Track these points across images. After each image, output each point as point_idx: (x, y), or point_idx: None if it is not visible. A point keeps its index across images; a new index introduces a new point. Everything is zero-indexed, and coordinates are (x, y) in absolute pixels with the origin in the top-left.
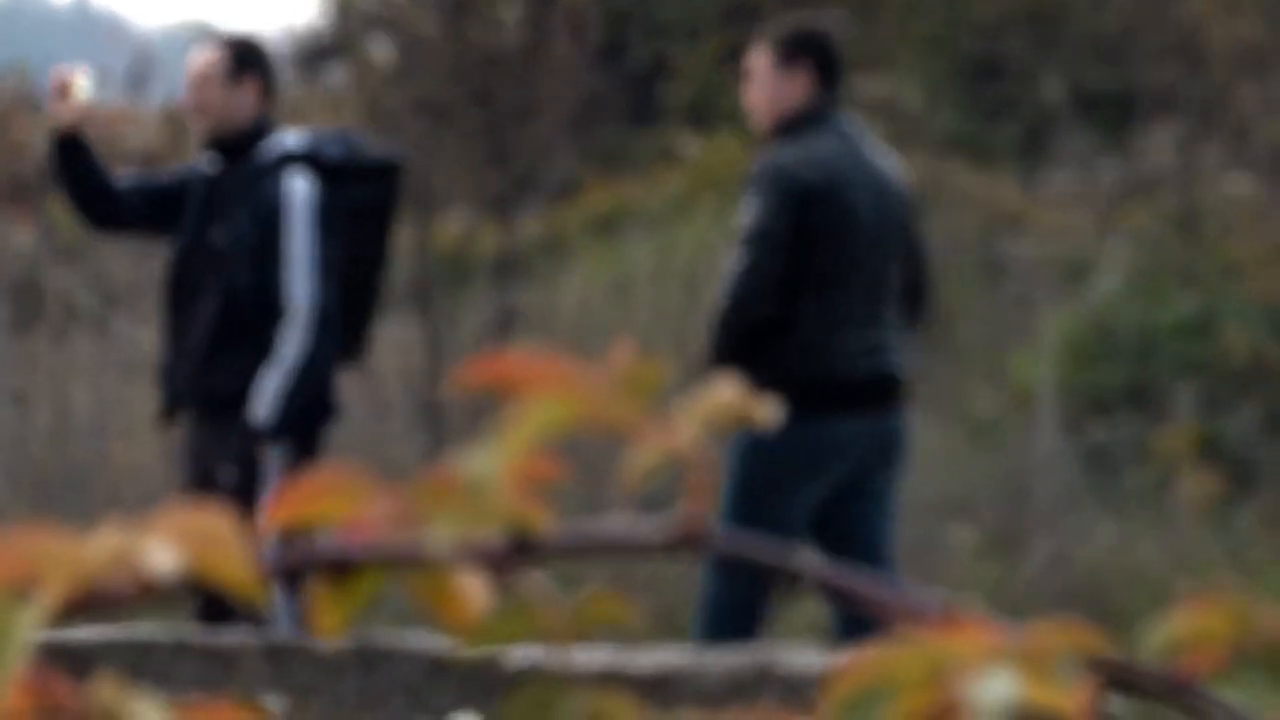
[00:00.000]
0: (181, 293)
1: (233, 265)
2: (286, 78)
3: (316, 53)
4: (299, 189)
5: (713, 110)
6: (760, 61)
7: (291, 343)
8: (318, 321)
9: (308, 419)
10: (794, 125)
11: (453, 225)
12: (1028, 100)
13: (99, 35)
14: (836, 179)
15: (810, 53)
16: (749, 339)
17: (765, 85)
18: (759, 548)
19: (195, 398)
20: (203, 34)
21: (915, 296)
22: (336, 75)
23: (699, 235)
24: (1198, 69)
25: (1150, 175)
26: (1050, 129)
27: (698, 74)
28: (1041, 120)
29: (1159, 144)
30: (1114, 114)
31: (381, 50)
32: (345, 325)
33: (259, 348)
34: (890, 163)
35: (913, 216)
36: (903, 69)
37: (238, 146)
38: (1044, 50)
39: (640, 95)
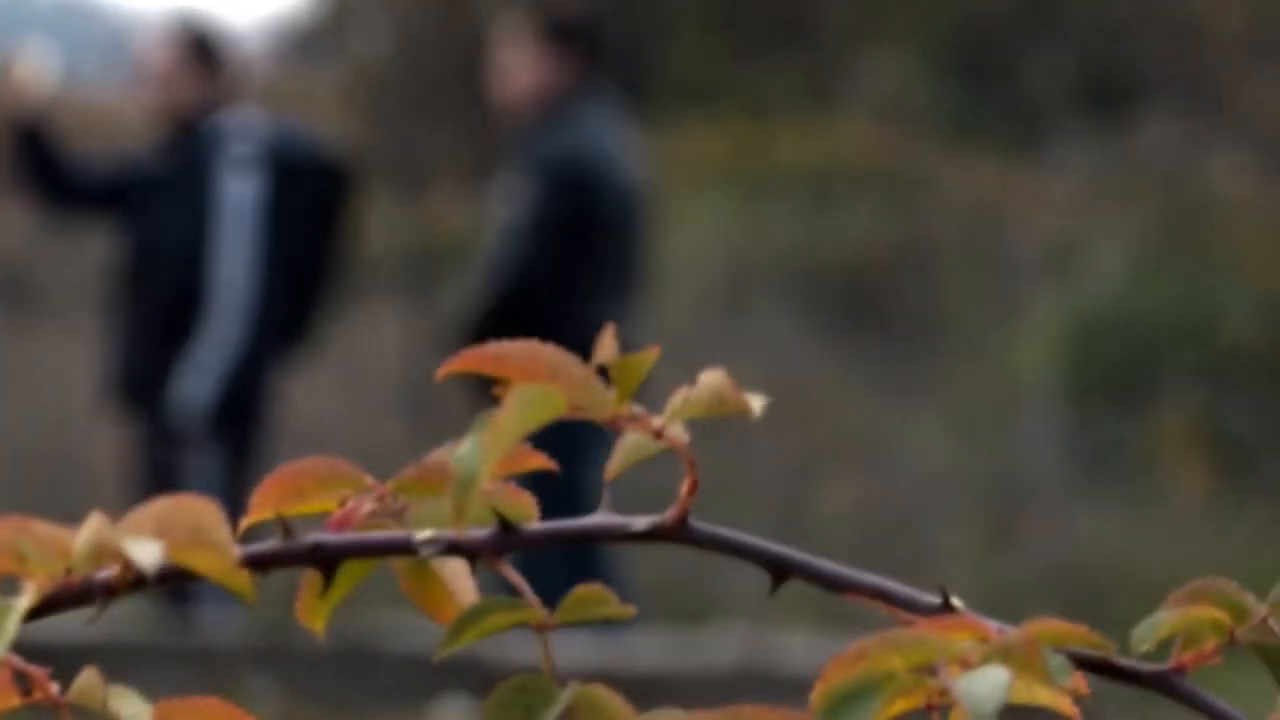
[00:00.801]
0: (134, 288)
1: (184, 263)
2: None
3: (307, 38)
4: (245, 188)
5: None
6: (522, 42)
7: (220, 337)
8: (252, 319)
9: (240, 417)
10: (556, 109)
11: (440, 207)
12: (1025, 82)
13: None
14: (608, 168)
15: (577, 35)
16: (518, 330)
17: (528, 67)
18: (736, 541)
19: (150, 394)
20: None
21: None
22: (325, 60)
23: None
24: (1196, 54)
25: (1147, 160)
26: (1046, 113)
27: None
28: (1037, 104)
29: (1157, 130)
30: (1112, 99)
31: (368, 36)
32: (289, 321)
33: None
34: (633, 152)
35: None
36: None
37: (188, 138)
38: (1043, 32)
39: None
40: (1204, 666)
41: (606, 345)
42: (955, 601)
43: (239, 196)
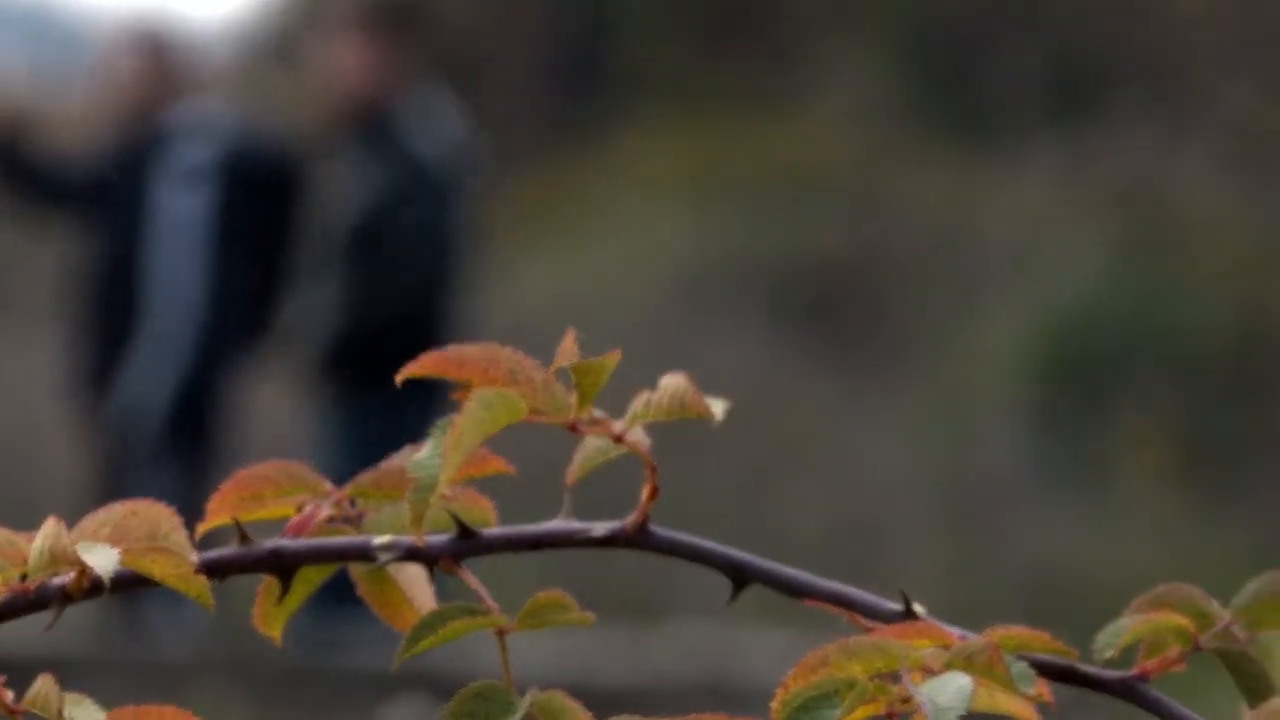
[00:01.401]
0: (84, 294)
1: (125, 272)
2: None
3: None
4: (191, 198)
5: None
6: (345, 36)
7: (166, 346)
8: (202, 328)
9: (192, 426)
10: (384, 104)
11: None
12: (991, 83)
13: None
14: (426, 171)
15: (400, 25)
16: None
17: (355, 61)
18: (696, 548)
19: (99, 401)
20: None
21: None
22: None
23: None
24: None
25: (1115, 162)
26: (1014, 114)
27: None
28: (1004, 105)
29: (1125, 131)
30: (1080, 100)
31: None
32: (247, 327)
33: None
34: (463, 141)
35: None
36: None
37: (136, 145)
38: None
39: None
40: (1168, 673)
41: (567, 349)
42: (917, 608)
43: (183, 206)
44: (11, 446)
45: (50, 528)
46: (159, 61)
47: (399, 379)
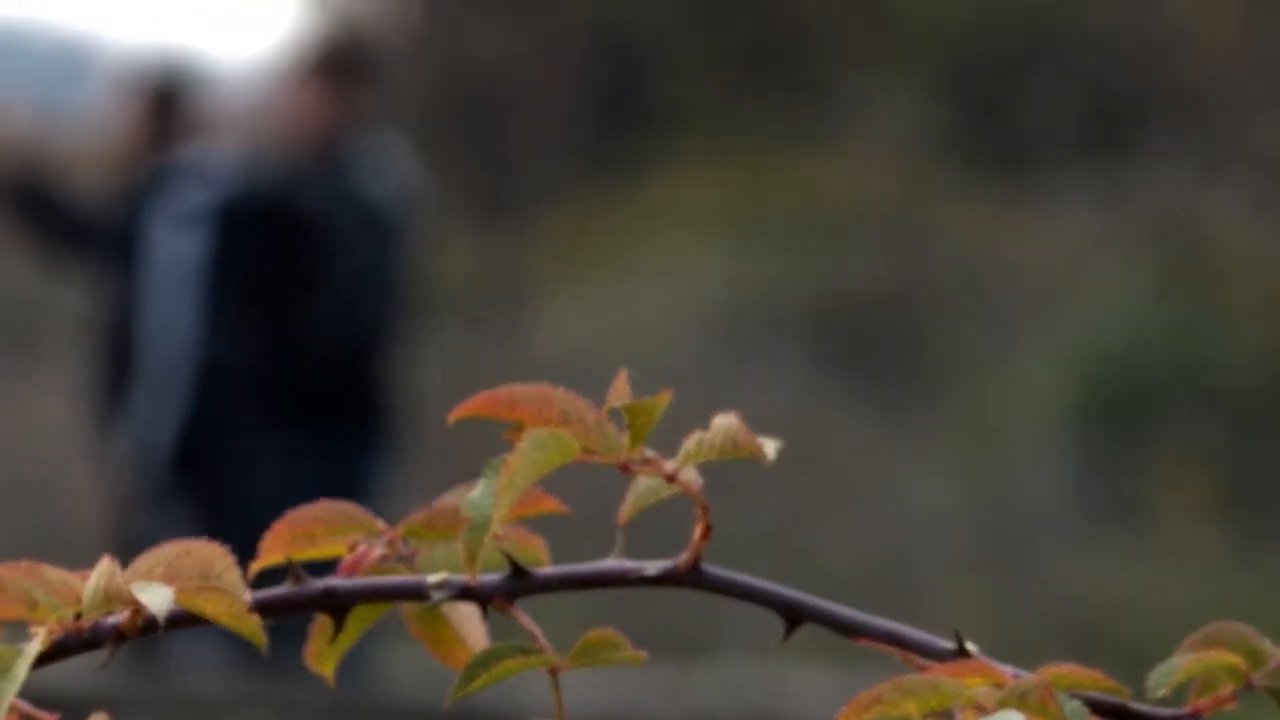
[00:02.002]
0: (94, 337)
1: (124, 316)
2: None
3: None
4: (186, 243)
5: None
6: (300, 79)
7: (166, 391)
8: (206, 373)
9: (201, 472)
10: (332, 149)
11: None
12: (1027, 118)
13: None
14: (371, 214)
15: (349, 68)
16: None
17: (307, 105)
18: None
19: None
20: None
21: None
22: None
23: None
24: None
25: (1150, 198)
26: (1049, 150)
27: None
28: (1039, 141)
29: (1161, 168)
30: (1116, 136)
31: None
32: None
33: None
34: (409, 183)
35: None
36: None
37: (137, 189)
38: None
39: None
40: (1219, 712)
41: (619, 389)
42: (970, 646)
43: (180, 248)
44: (36, 484)
45: (105, 566)
46: (164, 105)
47: (451, 419)
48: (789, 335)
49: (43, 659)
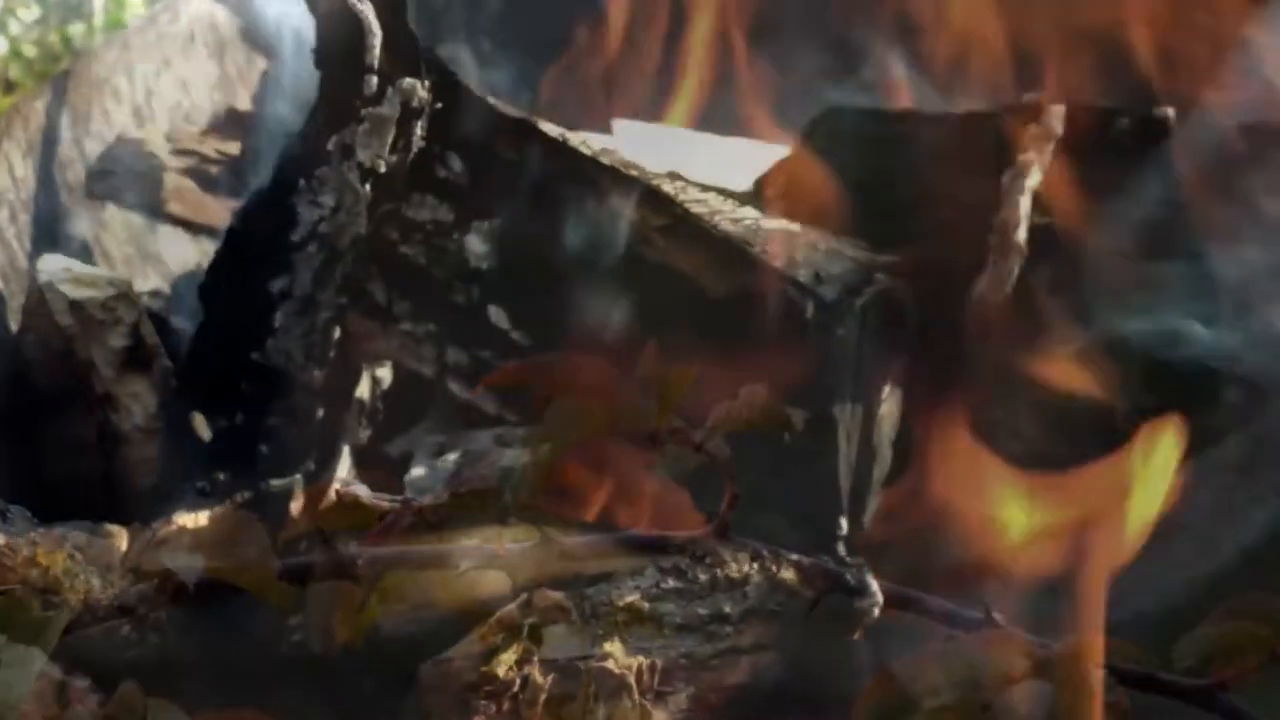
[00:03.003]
0: None
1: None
2: None
3: None
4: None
5: None
6: None
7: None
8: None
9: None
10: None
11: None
12: None
13: None
14: None
15: None
16: None
17: None
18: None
19: None
20: None
21: None
22: None
23: None
24: None
25: None
26: None
27: None
28: None
29: None
30: None
31: None
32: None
33: None
34: None
35: None
36: None
37: None
38: None
39: None
40: (1245, 681)
41: (649, 359)
42: (997, 616)
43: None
44: None
45: (136, 536)
46: None
47: (481, 387)
48: None
49: (74, 626)
